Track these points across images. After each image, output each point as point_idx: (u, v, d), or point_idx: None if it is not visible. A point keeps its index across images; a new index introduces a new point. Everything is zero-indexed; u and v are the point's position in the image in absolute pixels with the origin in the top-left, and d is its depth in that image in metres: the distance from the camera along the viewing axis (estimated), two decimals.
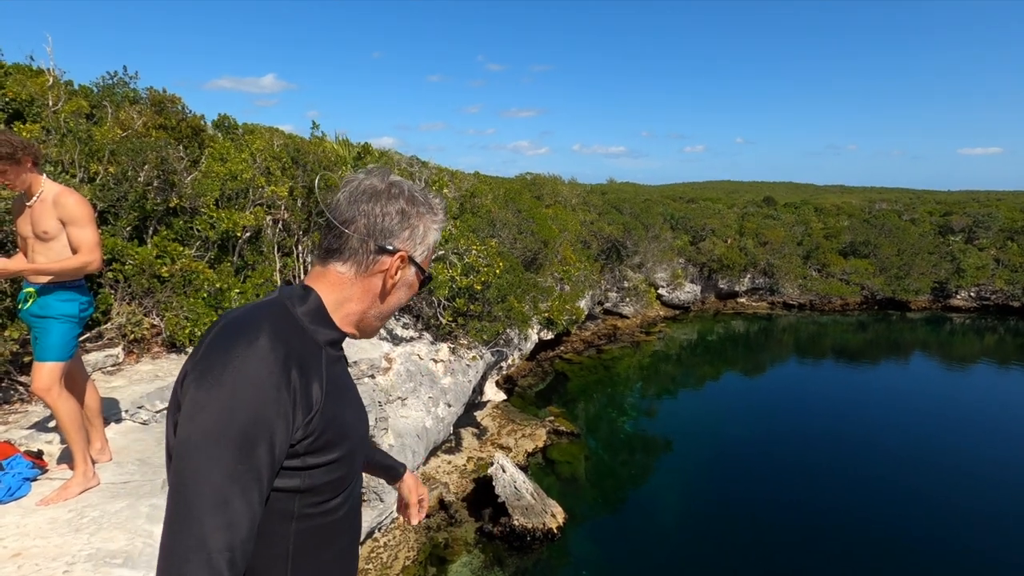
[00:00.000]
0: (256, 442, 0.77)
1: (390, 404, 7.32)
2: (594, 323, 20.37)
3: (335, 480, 0.93)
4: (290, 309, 0.92)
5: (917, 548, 8.64)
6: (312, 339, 0.91)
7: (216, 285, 5.69)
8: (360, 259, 0.96)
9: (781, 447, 12.10)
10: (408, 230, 0.99)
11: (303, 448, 0.85)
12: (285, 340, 0.85)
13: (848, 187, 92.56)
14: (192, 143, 7.08)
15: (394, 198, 0.97)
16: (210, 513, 0.74)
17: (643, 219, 23.13)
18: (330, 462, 0.90)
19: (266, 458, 0.79)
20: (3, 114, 5.69)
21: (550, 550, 8.30)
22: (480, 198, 12.60)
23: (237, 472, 0.76)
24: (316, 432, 0.86)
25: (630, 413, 13.85)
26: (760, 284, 26.06)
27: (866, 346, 21.07)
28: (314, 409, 0.86)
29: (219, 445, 0.76)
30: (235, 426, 0.76)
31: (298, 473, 0.87)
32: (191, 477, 0.75)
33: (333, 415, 0.90)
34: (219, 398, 0.77)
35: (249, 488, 0.77)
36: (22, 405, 4.02)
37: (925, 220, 31.41)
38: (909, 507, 9.74)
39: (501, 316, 9.45)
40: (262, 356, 0.80)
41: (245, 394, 0.77)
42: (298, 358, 0.85)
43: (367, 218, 0.96)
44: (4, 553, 2.38)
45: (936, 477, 10.76)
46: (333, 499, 0.94)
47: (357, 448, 0.99)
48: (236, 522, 0.75)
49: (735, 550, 8.60)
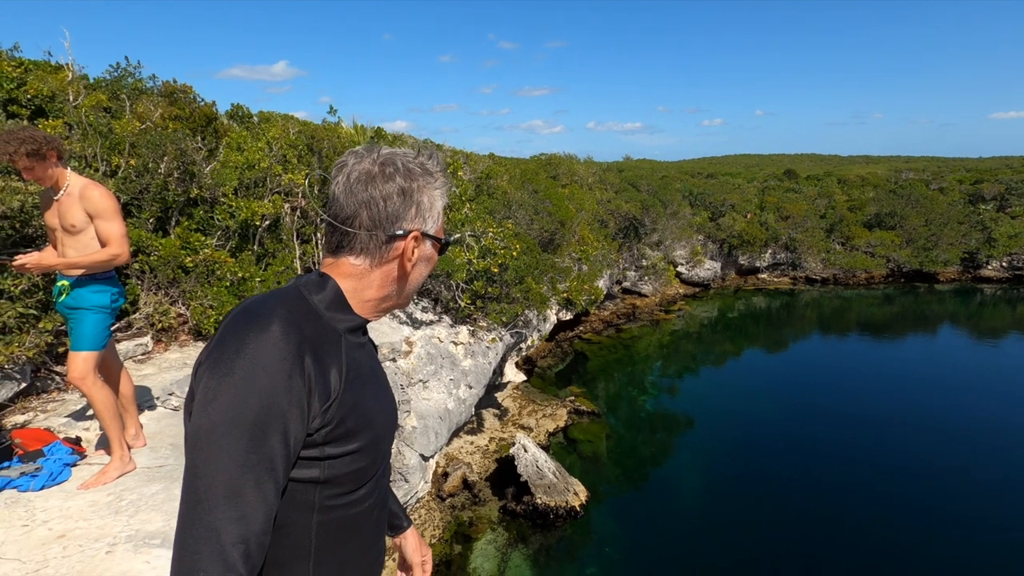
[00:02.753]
0: (269, 431, 0.75)
1: (412, 387, 7.41)
2: (613, 302, 20.28)
3: (358, 471, 0.90)
4: (306, 297, 0.89)
5: (947, 526, 8.55)
6: (330, 326, 0.89)
7: (238, 274, 5.78)
8: (373, 251, 0.93)
9: (804, 424, 12.00)
10: (413, 207, 0.94)
11: (321, 437, 0.83)
12: (299, 327, 0.82)
13: (874, 157, 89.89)
14: (206, 131, 7.14)
15: (390, 178, 0.92)
16: (222, 504, 0.72)
17: (661, 196, 22.82)
18: (352, 452, 0.87)
19: (280, 448, 0.77)
20: (26, 111, 5.80)
21: (573, 527, 8.41)
22: (496, 180, 12.53)
23: (250, 462, 0.74)
24: (335, 421, 0.84)
25: (650, 392, 13.84)
26: (782, 259, 25.61)
27: (892, 320, 20.65)
28: (332, 397, 0.83)
29: (230, 435, 0.74)
30: (247, 415, 0.74)
31: (317, 463, 0.84)
32: (203, 468, 0.74)
33: (354, 403, 0.88)
34: (230, 387, 0.75)
35: (263, 479, 0.75)
36: (59, 394, 4.16)
37: (954, 189, 30.43)
38: (937, 484, 9.61)
39: (519, 298, 9.46)
40: (274, 343, 0.78)
41: (256, 383, 0.75)
42: (313, 345, 0.82)
43: (369, 209, 0.91)
44: (50, 535, 2.48)
45: (967, 452, 10.58)
46: (357, 490, 0.91)
47: (382, 438, 0.96)
48: (249, 514, 0.73)
49: (757, 527, 8.61)
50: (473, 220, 8.74)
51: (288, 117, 10.34)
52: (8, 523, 2.56)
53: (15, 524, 2.56)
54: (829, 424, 11.91)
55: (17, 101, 5.80)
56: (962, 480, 9.65)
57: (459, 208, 8.64)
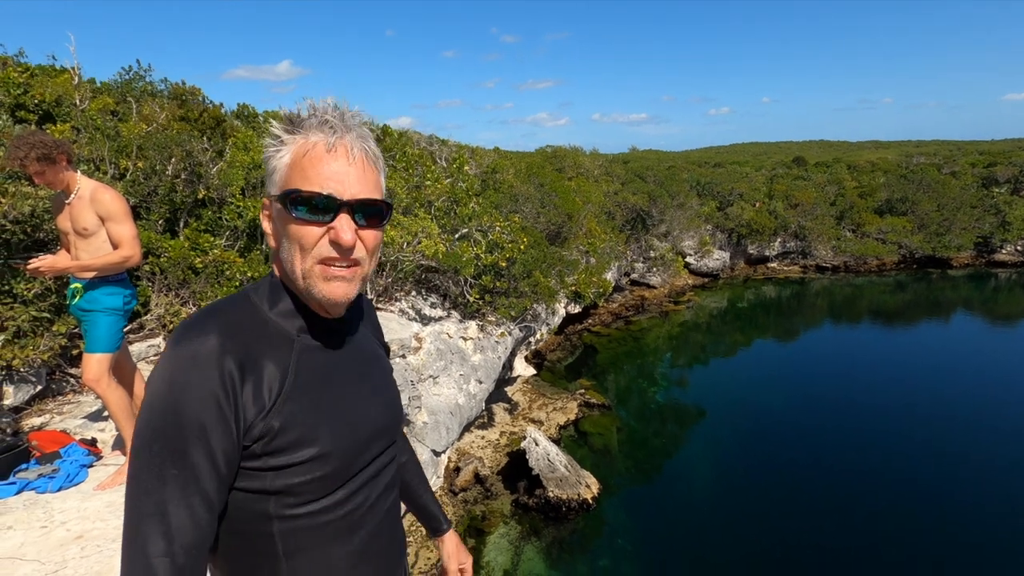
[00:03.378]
0: (189, 445, 0.74)
1: (422, 383, 7.44)
2: (621, 294, 20.21)
3: (317, 480, 0.84)
4: (252, 301, 0.86)
5: (961, 515, 8.47)
6: (278, 330, 0.85)
7: (247, 274, 5.81)
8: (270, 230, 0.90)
9: (816, 414, 11.92)
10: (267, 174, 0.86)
11: (260, 448, 0.79)
12: (233, 335, 0.79)
13: (883, 142, 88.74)
14: (215, 133, 7.18)
15: None
16: (147, 519, 0.72)
17: (668, 187, 22.67)
18: (302, 462, 0.82)
19: (204, 463, 0.75)
20: (34, 116, 5.84)
21: (585, 520, 8.42)
22: (501, 174, 12.50)
23: (171, 477, 0.73)
24: (273, 431, 0.80)
25: (661, 383, 13.80)
26: (791, 248, 25.39)
27: (905, 307, 20.42)
28: (267, 407, 0.80)
29: (151, 451, 0.74)
30: (165, 430, 0.74)
31: (261, 474, 0.81)
32: (131, 483, 0.75)
33: (302, 410, 0.83)
34: (152, 403, 0.75)
35: (188, 493, 0.74)
36: (74, 396, 4.21)
37: (967, 172, 29.97)
38: (951, 473, 9.52)
39: (528, 292, 9.45)
40: (195, 355, 0.76)
41: (176, 398, 0.74)
42: (245, 353, 0.79)
43: None
44: (68, 535, 2.52)
45: (982, 441, 10.46)
46: (320, 499, 0.86)
47: (354, 444, 0.90)
48: (177, 527, 0.73)
49: (769, 517, 8.57)
50: (480, 215, 8.72)
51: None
52: (27, 524, 2.60)
53: (34, 525, 2.59)
54: (841, 413, 11.82)
55: (25, 106, 5.85)
56: (977, 469, 9.55)
57: (466, 203, 8.62)
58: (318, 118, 0.83)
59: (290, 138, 0.83)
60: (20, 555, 2.36)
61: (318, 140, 0.82)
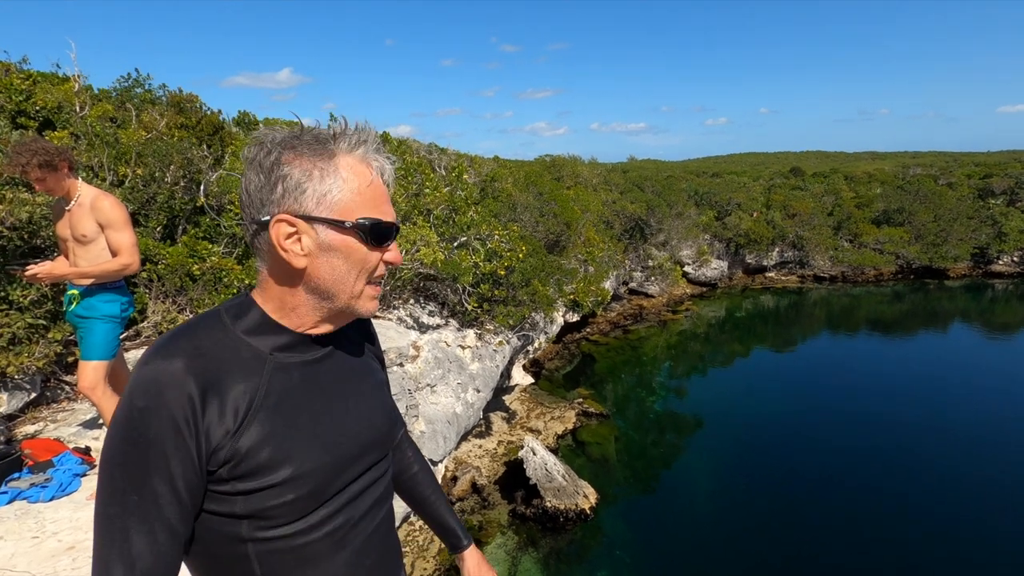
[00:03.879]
0: (148, 473, 0.72)
1: (420, 391, 7.40)
2: (619, 303, 20.22)
3: (290, 503, 0.81)
4: (223, 321, 0.83)
5: (962, 527, 8.44)
6: (248, 351, 0.82)
7: (245, 281, 5.79)
8: (257, 246, 0.83)
9: (815, 425, 11.89)
10: (278, 185, 0.79)
11: (226, 473, 0.77)
12: (200, 357, 0.77)
13: (880, 153, 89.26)
14: (213, 140, 7.19)
15: (258, 161, 0.80)
16: (109, 545, 0.72)
17: (666, 196, 22.75)
18: (274, 485, 0.79)
19: (165, 490, 0.73)
20: (34, 122, 5.85)
21: (583, 530, 8.36)
22: (500, 182, 12.53)
23: (131, 504, 0.72)
24: (241, 454, 0.77)
25: (659, 393, 13.77)
26: (789, 257, 25.46)
27: (902, 317, 20.46)
28: (232, 430, 0.77)
29: (112, 477, 0.73)
30: (127, 456, 0.73)
31: (229, 498, 0.78)
32: (97, 507, 0.74)
33: (272, 432, 0.80)
34: (114, 428, 0.74)
35: (148, 519, 0.72)
36: (69, 404, 4.18)
37: (963, 183, 30.15)
38: (951, 484, 9.49)
39: (526, 300, 9.44)
40: (157, 380, 0.74)
41: (136, 423, 0.73)
42: (210, 376, 0.77)
43: (241, 198, 0.82)
44: (59, 546, 2.48)
45: (981, 452, 10.45)
46: (296, 522, 0.82)
47: (332, 464, 0.86)
48: (137, 554, 0.72)
49: (768, 529, 8.53)
50: (479, 223, 8.73)
51: (292, 124, 10.38)
52: (18, 535, 2.56)
53: (25, 536, 2.56)
54: (840, 424, 11.80)
55: (26, 113, 5.85)
56: (977, 480, 9.53)
57: (465, 211, 8.63)
58: (370, 144, 0.84)
59: (343, 158, 0.82)
60: (10, 566, 2.33)
61: (377, 169, 0.84)
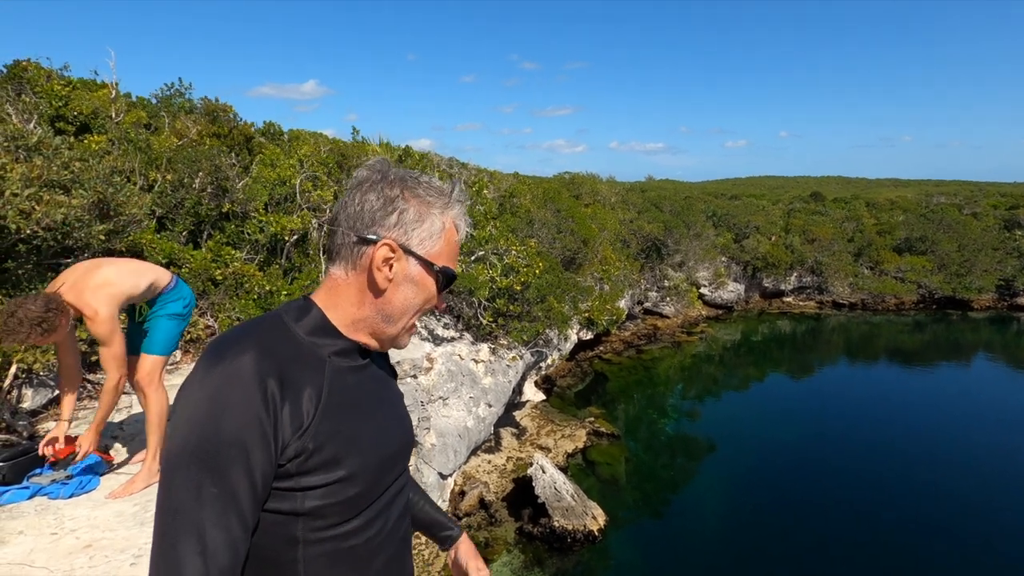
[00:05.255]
0: (230, 465, 0.73)
1: (432, 404, 7.41)
2: (634, 323, 20.09)
3: (345, 501, 0.85)
4: (285, 322, 0.87)
5: (976, 563, 8.16)
6: (310, 352, 0.86)
7: (265, 287, 5.88)
8: (346, 255, 0.89)
9: (830, 453, 11.64)
10: (394, 214, 0.87)
11: (294, 468, 0.80)
12: (270, 355, 0.80)
13: (903, 180, 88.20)
14: (243, 150, 7.36)
15: (376, 184, 0.89)
16: (184, 540, 0.71)
17: (684, 217, 22.67)
18: (336, 481, 0.83)
19: (243, 481, 0.74)
20: (72, 127, 6.04)
21: (591, 552, 8.24)
22: (519, 198, 12.61)
23: (209, 496, 0.72)
24: (310, 450, 0.80)
25: (671, 415, 13.60)
26: (807, 283, 25.14)
27: (923, 348, 20.03)
28: (304, 426, 0.80)
29: (189, 468, 0.73)
30: (205, 448, 0.73)
31: (291, 494, 0.81)
32: (166, 501, 0.74)
33: (335, 430, 0.84)
34: (191, 419, 0.75)
35: (225, 513, 0.73)
36: (91, 402, 4.25)
37: (988, 214, 29.63)
38: (967, 522, 9.20)
39: (541, 316, 9.44)
40: (237, 375, 0.76)
41: (216, 414, 0.74)
42: (284, 373, 0.80)
43: (347, 208, 0.89)
44: (77, 544, 2.52)
45: (1000, 487, 10.13)
46: (349, 521, 0.86)
47: (377, 464, 0.91)
48: (212, 549, 0.72)
49: (779, 559, 8.32)
50: (497, 238, 8.78)
51: (318, 135, 10.60)
52: (38, 530, 2.61)
53: (44, 532, 2.60)
54: (854, 454, 11.53)
55: (64, 118, 6.05)
56: (996, 517, 9.22)
57: (483, 226, 8.70)
58: (464, 210, 0.96)
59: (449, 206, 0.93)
60: (29, 561, 2.36)
61: (462, 231, 0.96)
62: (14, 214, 3.81)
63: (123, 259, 3.06)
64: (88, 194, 4.34)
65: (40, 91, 6.05)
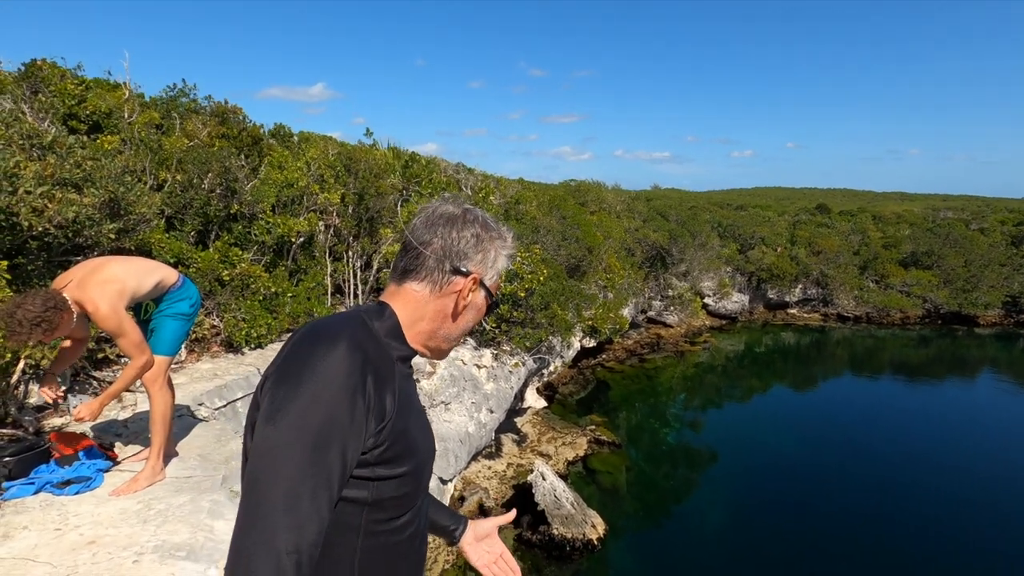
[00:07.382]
0: (329, 445, 0.78)
1: (433, 408, 7.42)
2: (637, 332, 20.06)
3: (403, 496, 0.93)
4: (368, 322, 0.94)
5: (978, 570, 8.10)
6: (387, 353, 0.93)
7: (271, 289, 5.92)
8: (436, 279, 0.99)
9: (831, 466, 11.57)
10: (481, 253, 1.02)
11: (373, 458, 0.86)
12: (363, 349, 0.87)
13: (909, 194, 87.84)
14: (252, 152, 7.41)
15: (469, 223, 1.01)
16: (281, 512, 0.75)
17: (689, 226, 22.67)
18: (398, 475, 0.90)
19: (337, 462, 0.79)
20: (84, 125, 6.11)
21: (590, 561, 8.20)
22: (525, 205, 12.65)
23: (308, 473, 0.77)
24: (387, 443, 0.87)
25: (673, 424, 13.55)
26: (812, 295, 25.06)
27: (928, 362, 19.92)
28: (386, 419, 0.87)
29: (293, 446, 0.77)
30: (310, 427, 0.78)
31: (367, 483, 0.87)
32: (264, 475, 0.77)
33: (403, 428, 0.91)
34: (296, 400, 0.79)
35: (319, 491, 0.77)
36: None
37: (996, 229, 29.50)
38: (969, 530, 9.13)
39: (544, 323, 9.44)
40: (341, 361, 0.82)
41: (321, 397, 0.79)
42: (374, 368, 0.87)
43: (444, 240, 0.99)
44: (80, 540, 2.54)
45: (1004, 500, 10.04)
46: (400, 517, 0.94)
47: (424, 466, 0.99)
48: (305, 524, 0.75)
49: (780, 570, 8.27)
50: None
51: (327, 138, 10.67)
52: (42, 526, 2.63)
53: (48, 527, 2.62)
54: (857, 466, 11.46)
55: (77, 116, 6.12)
56: (998, 533, 9.13)
57: None
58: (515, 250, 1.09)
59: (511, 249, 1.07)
60: (33, 556, 2.38)
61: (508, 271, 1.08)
62: (27, 211, 3.85)
63: (131, 257, 3.08)
64: (99, 193, 4.39)
65: (54, 90, 6.13)
